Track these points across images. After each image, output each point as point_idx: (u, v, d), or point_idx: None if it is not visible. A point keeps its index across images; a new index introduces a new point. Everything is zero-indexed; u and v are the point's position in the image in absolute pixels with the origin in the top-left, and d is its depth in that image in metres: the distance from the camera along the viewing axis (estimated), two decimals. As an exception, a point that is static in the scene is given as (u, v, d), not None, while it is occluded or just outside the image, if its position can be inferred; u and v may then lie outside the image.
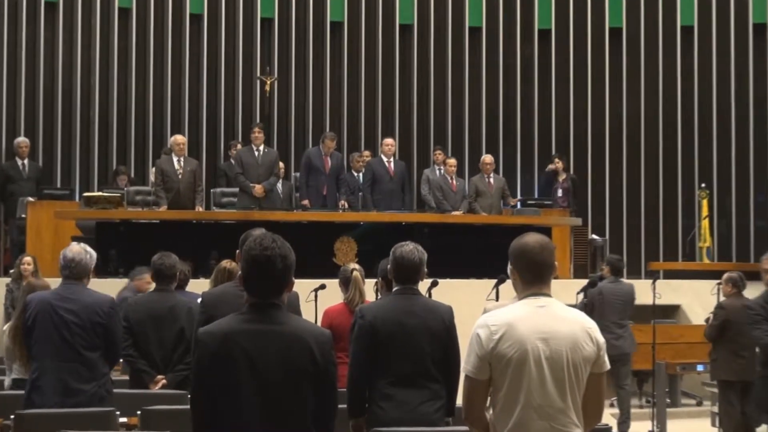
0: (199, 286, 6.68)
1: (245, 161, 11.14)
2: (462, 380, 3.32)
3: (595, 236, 13.24)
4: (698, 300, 11.26)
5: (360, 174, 12.30)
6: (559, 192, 13.05)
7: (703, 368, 9.81)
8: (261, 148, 11.20)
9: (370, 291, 6.21)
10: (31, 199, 11.20)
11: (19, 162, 12.24)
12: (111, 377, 5.32)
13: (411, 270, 4.67)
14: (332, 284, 6.48)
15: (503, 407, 3.21)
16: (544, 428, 3.18)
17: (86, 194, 11.06)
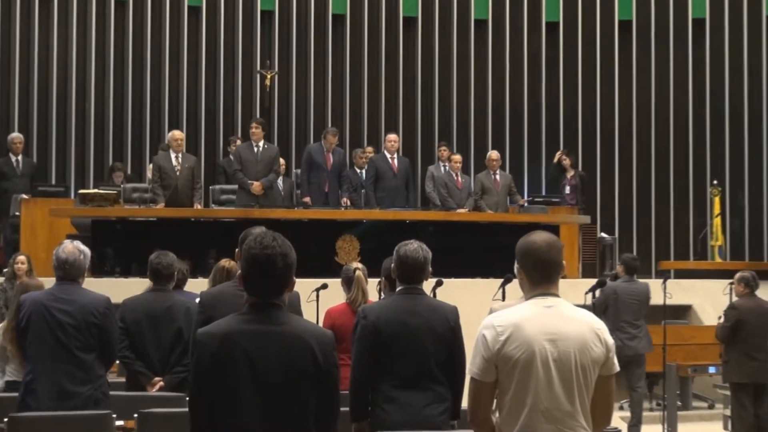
0: (198, 286, 6.70)
1: (244, 158, 11.12)
2: (467, 382, 3.30)
3: (605, 234, 13.26)
4: (710, 300, 11.23)
5: (363, 170, 12.28)
6: (567, 189, 13.04)
7: (715, 370, 9.79)
8: (260, 144, 11.20)
9: (373, 291, 6.22)
10: (25, 197, 11.16)
11: (13, 158, 12.14)
12: (107, 379, 5.31)
13: (415, 269, 4.65)
14: (334, 284, 6.55)
15: (510, 410, 3.21)
16: (552, 432, 3.17)
17: (82, 191, 11.07)
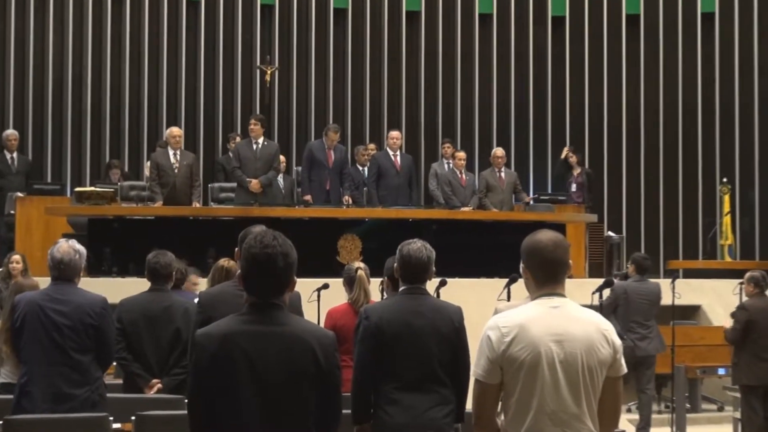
0: (198, 286, 6.75)
1: (242, 155, 11.09)
2: (472, 384, 3.29)
3: (612, 233, 13.23)
4: (719, 300, 11.18)
5: (365, 168, 12.19)
6: (574, 187, 13.04)
7: (725, 372, 9.76)
8: (260, 141, 11.16)
9: (376, 291, 6.22)
10: (21, 195, 11.14)
11: (8, 155, 12.14)
12: (104, 381, 5.29)
13: (418, 269, 4.62)
14: (336, 284, 6.55)
15: (515, 413, 3.19)
16: (558, 435, 3.14)
17: (78, 189, 11.03)
